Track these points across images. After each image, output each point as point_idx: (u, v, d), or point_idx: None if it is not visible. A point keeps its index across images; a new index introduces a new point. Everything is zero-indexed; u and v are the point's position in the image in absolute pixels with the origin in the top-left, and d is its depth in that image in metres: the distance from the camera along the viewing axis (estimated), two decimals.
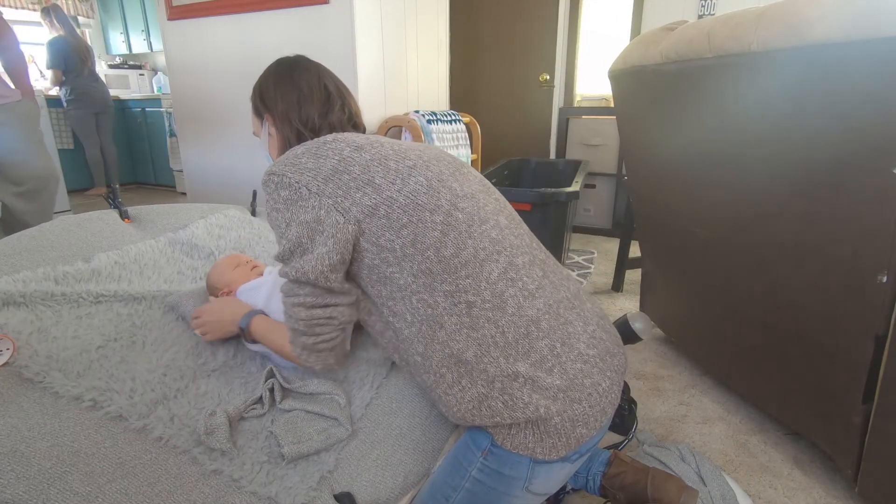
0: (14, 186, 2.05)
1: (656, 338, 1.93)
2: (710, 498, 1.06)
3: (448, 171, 0.80)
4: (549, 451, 0.74)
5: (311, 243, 0.73)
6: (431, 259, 0.73)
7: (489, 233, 0.77)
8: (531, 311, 0.76)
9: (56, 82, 3.96)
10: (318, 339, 0.79)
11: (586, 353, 0.78)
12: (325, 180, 0.73)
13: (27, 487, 0.68)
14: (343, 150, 0.77)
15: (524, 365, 0.74)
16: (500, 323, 0.74)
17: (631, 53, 1.47)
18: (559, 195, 2.07)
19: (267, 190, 0.77)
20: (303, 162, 0.76)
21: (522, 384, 0.73)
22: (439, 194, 0.75)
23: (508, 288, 0.75)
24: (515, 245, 0.79)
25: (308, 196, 0.73)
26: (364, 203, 0.73)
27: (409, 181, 0.75)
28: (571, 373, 0.75)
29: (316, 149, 0.78)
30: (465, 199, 0.77)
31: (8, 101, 2.00)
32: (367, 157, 0.76)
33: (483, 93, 3.89)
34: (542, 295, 0.78)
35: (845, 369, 1.09)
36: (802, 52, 0.96)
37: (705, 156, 1.32)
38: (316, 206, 0.72)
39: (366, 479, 0.80)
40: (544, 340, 0.76)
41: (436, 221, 0.73)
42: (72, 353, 0.99)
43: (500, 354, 0.73)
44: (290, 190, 0.74)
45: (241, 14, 2.49)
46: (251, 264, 1.22)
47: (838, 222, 1.02)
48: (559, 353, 0.76)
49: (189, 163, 3.03)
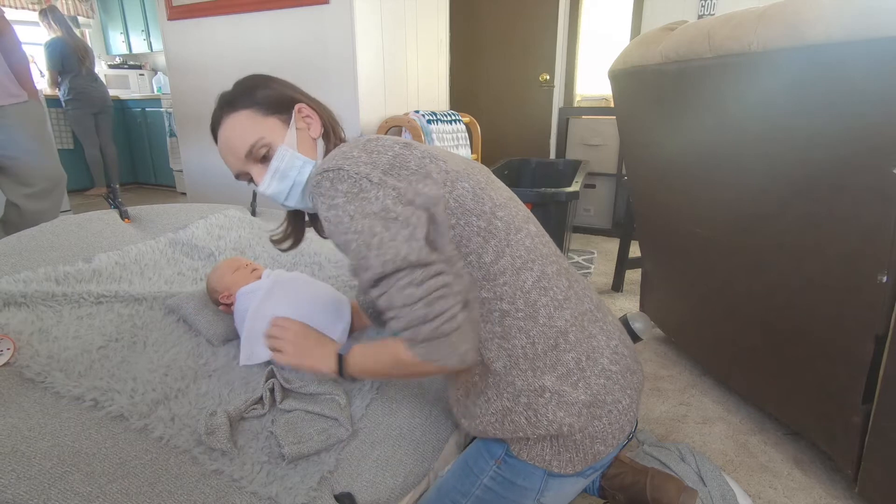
0: (25, 188, 2.05)
1: (656, 338, 1.93)
2: (710, 498, 1.06)
3: (484, 180, 0.78)
4: (566, 465, 0.74)
5: (384, 228, 0.65)
6: (473, 264, 0.72)
7: (523, 241, 0.76)
8: (560, 321, 0.75)
9: (52, 83, 3.97)
10: (441, 320, 0.64)
11: (609, 368, 0.77)
12: (385, 172, 0.69)
13: (28, 487, 0.68)
14: (393, 146, 0.73)
15: (551, 378, 0.73)
16: (532, 333, 0.73)
17: (631, 53, 1.47)
18: (559, 195, 2.07)
19: (320, 189, 0.69)
20: (356, 156, 0.70)
21: (548, 399, 0.72)
22: (482, 201, 0.74)
23: (541, 297, 0.74)
24: (545, 254, 0.78)
25: (370, 187, 0.67)
26: (428, 193, 0.69)
27: (457, 185, 0.73)
28: (595, 388, 0.75)
29: (363, 146, 0.73)
30: (502, 208, 0.76)
31: (17, 101, 2.00)
32: (418, 154, 0.73)
33: (483, 93, 3.88)
34: (569, 306, 0.77)
35: (845, 369, 1.09)
36: (802, 52, 0.96)
37: (705, 156, 1.32)
38: (381, 196, 0.66)
39: (366, 479, 0.80)
40: (571, 353, 0.75)
41: (480, 227, 0.72)
42: (73, 354, 1.00)
43: (528, 367, 0.73)
44: (350, 182, 0.67)
45: (240, 14, 2.49)
46: (251, 267, 1.22)
47: (838, 222, 1.02)
48: (584, 368, 0.75)
49: (189, 163, 3.03)
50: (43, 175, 2.08)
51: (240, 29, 2.52)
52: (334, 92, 2.34)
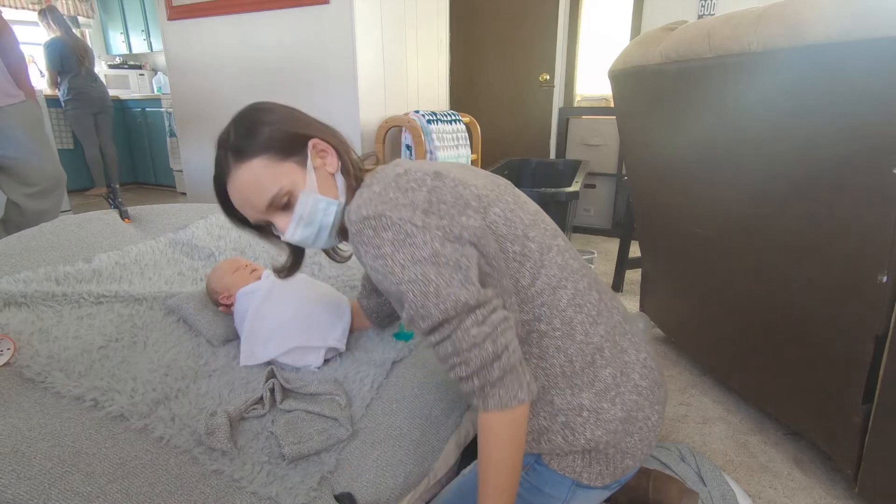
0: (26, 188, 2.05)
1: (656, 338, 1.93)
2: (710, 498, 1.06)
3: (512, 200, 0.76)
4: (595, 478, 0.74)
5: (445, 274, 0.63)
6: (509, 290, 0.71)
7: (555, 259, 0.75)
8: (595, 337, 0.75)
9: (52, 83, 3.98)
10: (508, 353, 0.64)
11: (640, 384, 0.77)
12: (425, 213, 0.66)
13: (28, 488, 0.68)
14: (424, 179, 0.69)
15: (588, 395, 0.73)
16: (569, 352, 0.73)
17: (631, 53, 1.47)
18: (559, 195, 2.07)
19: (363, 238, 0.65)
20: (392, 198, 0.66)
21: (586, 418, 0.72)
22: (514, 225, 0.72)
23: (577, 314, 0.74)
24: (575, 269, 0.77)
25: (416, 232, 0.64)
26: (472, 225, 0.67)
27: (490, 212, 0.71)
28: (628, 405, 0.75)
29: (395, 184, 0.68)
30: (532, 228, 0.75)
31: (14, 102, 2.00)
32: (450, 184, 0.70)
33: (483, 93, 3.88)
34: (603, 320, 0.76)
35: (845, 369, 1.09)
36: (802, 52, 0.96)
37: (705, 156, 1.32)
38: (428, 240, 0.64)
39: (366, 479, 0.80)
40: (608, 369, 0.75)
41: (515, 251, 0.71)
42: (73, 354, 1.00)
43: (566, 385, 0.73)
44: (395, 229, 0.64)
45: (241, 14, 2.49)
46: (250, 268, 1.22)
47: (838, 222, 1.02)
48: (619, 384, 0.75)
49: (189, 163, 3.03)
50: (43, 174, 2.09)
51: (240, 29, 2.52)
52: (334, 92, 2.34)
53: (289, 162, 0.73)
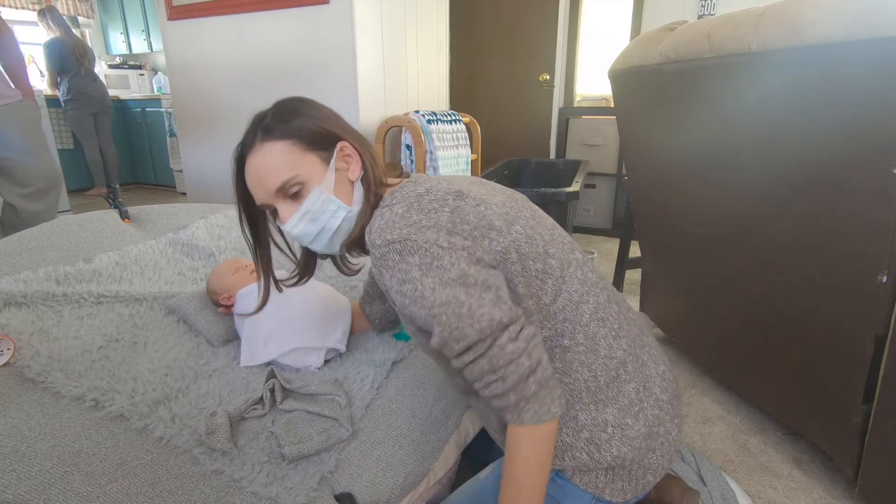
0: (21, 188, 2.05)
1: (656, 338, 1.93)
2: (710, 498, 1.06)
3: (530, 216, 0.76)
4: (617, 494, 0.74)
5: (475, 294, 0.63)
6: (532, 308, 0.71)
7: (575, 274, 0.74)
8: (619, 352, 0.74)
9: (52, 83, 3.97)
10: (542, 368, 0.66)
11: (661, 398, 0.76)
12: (449, 234, 0.65)
13: (28, 488, 0.68)
14: (446, 199, 0.69)
15: (612, 410, 0.72)
16: (594, 366, 0.72)
17: (631, 53, 1.47)
18: (559, 195, 2.07)
19: (387, 262, 0.65)
20: (415, 220, 0.66)
21: (611, 435, 0.71)
22: (535, 242, 0.72)
23: (600, 329, 0.74)
24: (594, 282, 0.77)
25: (442, 254, 0.64)
26: (494, 249, 0.68)
27: (512, 230, 0.70)
28: (651, 420, 0.74)
29: (417, 205, 0.68)
30: (552, 244, 0.74)
31: (10, 102, 2.00)
32: (472, 203, 0.69)
33: (483, 93, 3.88)
34: (624, 334, 0.76)
35: (845, 369, 1.09)
36: (802, 52, 0.96)
37: (705, 156, 1.32)
38: (455, 260, 0.64)
39: (366, 479, 0.80)
40: (631, 384, 0.74)
41: (537, 269, 0.71)
42: (73, 354, 1.00)
43: (590, 400, 0.72)
44: (421, 253, 0.64)
45: (240, 14, 2.49)
46: (250, 268, 1.22)
47: (838, 222, 1.02)
48: (642, 398, 0.74)
49: (189, 163, 3.03)
50: (39, 175, 2.08)
51: (240, 29, 2.52)
52: (334, 92, 2.34)
53: (312, 155, 0.73)
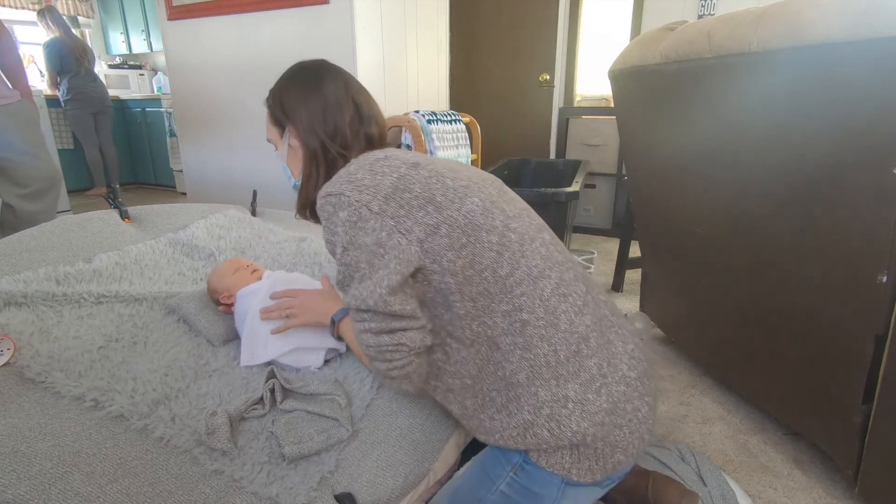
0: (19, 188, 2.05)
1: (656, 338, 1.93)
2: (710, 498, 1.06)
3: (496, 193, 0.79)
4: (585, 474, 0.74)
5: (370, 268, 0.70)
6: (489, 280, 0.72)
7: (539, 250, 0.77)
8: (581, 327, 0.75)
9: (52, 83, 3.97)
10: (390, 366, 0.74)
11: (628, 374, 0.77)
12: (386, 198, 0.71)
13: (28, 487, 0.68)
14: (399, 167, 0.74)
15: (573, 386, 0.73)
16: (553, 340, 0.73)
17: (631, 53, 1.47)
18: (559, 195, 2.07)
19: (323, 213, 0.73)
20: (359, 178, 0.72)
21: (571, 410, 0.72)
22: (493, 215, 0.75)
23: (561, 303, 0.75)
24: (561, 261, 0.79)
25: (369, 216, 0.70)
26: (426, 222, 0.71)
27: (467, 201, 0.74)
28: (616, 395, 0.74)
29: (370, 166, 0.75)
30: (515, 220, 0.77)
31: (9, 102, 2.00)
32: (424, 175, 0.74)
33: (483, 93, 3.88)
34: (588, 311, 0.77)
35: (845, 369, 1.09)
36: (802, 52, 0.96)
37: (705, 156, 1.32)
38: (377, 227, 0.70)
39: (366, 479, 0.80)
40: (593, 359, 0.75)
41: (492, 241, 0.73)
42: (73, 354, 1.00)
43: (551, 375, 0.72)
44: (350, 210, 0.70)
45: (241, 14, 2.49)
46: (251, 268, 1.22)
47: (838, 222, 1.02)
48: (606, 374, 0.75)
49: (189, 163, 3.03)
50: (37, 175, 2.08)
51: (240, 29, 2.52)
52: None
53: (274, 128, 0.91)
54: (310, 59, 0.93)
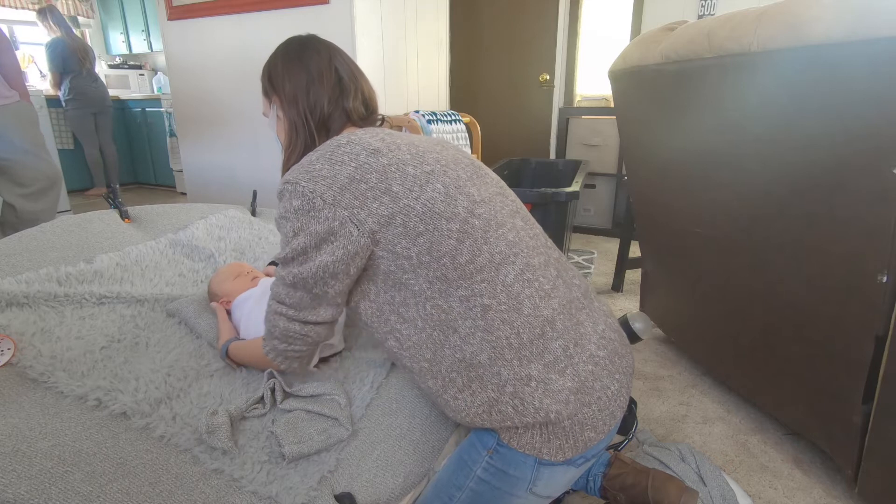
0: (20, 188, 2.06)
1: (656, 338, 1.93)
2: (710, 498, 1.06)
3: (466, 175, 0.79)
4: (556, 453, 0.74)
5: (317, 252, 0.72)
6: (447, 266, 0.72)
7: (506, 236, 0.77)
8: (546, 310, 0.76)
9: (55, 84, 3.97)
10: (289, 348, 0.82)
11: (597, 354, 0.78)
12: (341, 189, 0.71)
13: (29, 487, 0.68)
14: (359, 154, 0.74)
15: (537, 366, 0.73)
16: (516, 324, 0.73)
17: (631, 53, 1.47)
18: (559, 195, 2.07)
19: (281, 199, 0.75)
20: (317, 169, 0.73)
21: (534, 388, 0.72)
22: (456, 201, 0.74)
23: (525, 289, 0.75)
24: (531, 246, 0.79)
25: (322, 207, 0.70)
26: (380, 213, 0.71)
27: (427, 188, 0.73)
28: (583, 375, 0.75)
29: (330, 154, 0.75)
30: (482, 205, 0.77)
31: (8, 102, 2.01)
32: (384, 163, 0.74)
33: (483, 93, 3.89)
34: (557, 294, 0.78)
35: (845, 369, 1.09)
36: (802, 52, 0.96)
37: (705, 156, 1.32)
38: (330, 217, 0.70)
39: (366, 479, 0.80)
40: (558, 341, 0.75)
41: (452, 229, 0.72)
42: (76, 354, 1.00)
43: (514, 356, 0.73)
44: (304, 200, 0.71)
45: (241, 14, 2.49)
46: (251, 275, 1.22)
47: (838, 222, 1.02)
48: (572, 355, 0.76)
49: (189, 163, 3.03)
50: (38, 175, 2.09)
51: (240, 29, 2.52)
52: None
53: (265, 98, 0.94)
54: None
